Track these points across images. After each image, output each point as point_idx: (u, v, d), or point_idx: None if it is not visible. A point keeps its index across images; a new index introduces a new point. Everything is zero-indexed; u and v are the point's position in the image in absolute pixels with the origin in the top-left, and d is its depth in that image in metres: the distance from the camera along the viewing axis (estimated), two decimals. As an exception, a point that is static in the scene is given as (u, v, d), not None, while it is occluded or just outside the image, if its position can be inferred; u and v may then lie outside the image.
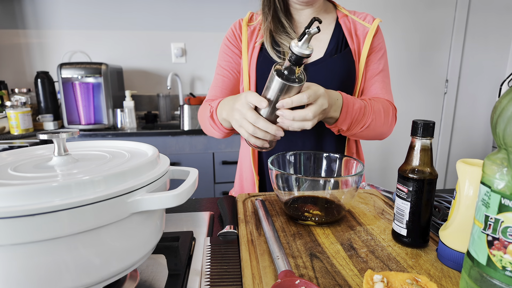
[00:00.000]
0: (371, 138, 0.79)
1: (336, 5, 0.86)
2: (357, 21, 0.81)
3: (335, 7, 0.86)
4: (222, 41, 0.88)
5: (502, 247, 0.30)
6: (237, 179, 0.92)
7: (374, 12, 2.16)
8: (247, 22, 0.83)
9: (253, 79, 0.80)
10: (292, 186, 0.54)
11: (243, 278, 0.40)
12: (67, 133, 0.38)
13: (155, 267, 0.44)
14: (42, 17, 2.01)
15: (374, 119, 0.72)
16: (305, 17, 0.81)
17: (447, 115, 2.41)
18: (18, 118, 1.64)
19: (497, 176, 0.30)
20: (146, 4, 2.08)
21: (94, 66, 1.72)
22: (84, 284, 0.31)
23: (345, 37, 0.80)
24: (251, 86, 0.80)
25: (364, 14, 0.83)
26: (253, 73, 0.80)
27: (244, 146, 0.89)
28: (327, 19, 0.83)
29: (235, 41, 0.84)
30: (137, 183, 0.32)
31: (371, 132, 0.74)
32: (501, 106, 0.30)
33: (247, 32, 0.82)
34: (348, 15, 0.82)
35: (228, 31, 0.86)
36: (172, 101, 2.22)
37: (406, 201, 0.46)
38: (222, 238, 0.52)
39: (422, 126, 0.44)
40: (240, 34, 0.84)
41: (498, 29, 2.31)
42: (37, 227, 0.27)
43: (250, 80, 0.80)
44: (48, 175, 0.33)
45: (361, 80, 0.80)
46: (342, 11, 0.83)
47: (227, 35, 0.86)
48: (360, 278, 0.40)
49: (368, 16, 0.82)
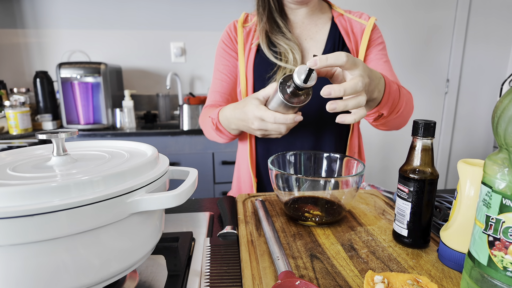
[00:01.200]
0: (394, 128, 0.75)
1: (331, 5, 0.86)
2: (353, 19, 0.81)
3: (330, 7, 0.85)
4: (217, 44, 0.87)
5: (503, 248, 0.30)
6: (234, 181, 0.92)
7: (374, 12, 2.16)
8: (242, 23, 0.83)
9: (251, 81, 0.80)
10: (292, 186, 0.54)
11: (243, 278, 0.40)
12: (66, 133, 0.38)
13: (155, 267, 0.44)
14: (41, 17, 2.01)
15: (406, 102, 0.67)
16: (300, 17, 0.81)
17: (448, 115, 2.41)
18: (17, 118, 1.64)
19: (498, 176, 0.30)
20: (146, 3, 2.08)
21: (93, 65, 1.72)
22: (83, 284, 0.31)
23: (341, 37, 0.80)
24: (248, 88, 0.80)
25: (360, 12, 0.83)
26: (250, 75, 0.79)
27: (241, 149, 0.88)
28: (322, 18, 0.82)
29: (231, 44, 0.84)
30: (136, 183, 0.32)
31: (399, 119, 0.70)
32: (502, 106, 0.29)
33: (243, 34, 0.82)
34: (344, 14, 0.82)
35: (223, 34, 0.85)
36: (172, 101, 2.21)
37: (407, 201, 0.46)
38: (222, 238, 0.52)
39: (423, 126, 0.44)
40: (235, 36, 0.83)
41: (499, 28, 2.32)
42: (36, 228, 0.27)
43: (247, 82, 0.80)
44: (47, 175, 0.32)
45: None
46: (338, 10, 0.83)
47: (223, 38, 0.85)
48: (361, 279, 0.40)
49: (363, 15, 0.82)
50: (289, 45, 0.76)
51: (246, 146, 0.85)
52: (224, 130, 0.76)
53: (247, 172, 0.85)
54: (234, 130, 0.74)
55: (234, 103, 0.70)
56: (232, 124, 0.70)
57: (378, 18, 2.18)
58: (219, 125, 0.76)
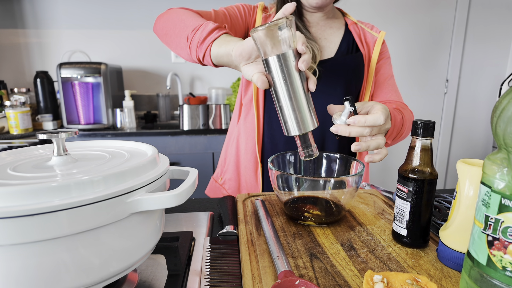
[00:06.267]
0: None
1: (344, 13, 0.89)
2: (366, 29, 0.85)
3: (343, 14, 0.89)
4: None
5: (502, 247, 0.30)
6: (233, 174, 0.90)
7: (374, 12, 2.16)
8: (262, 8, 0.83)
9: None
10: (292, 186, 0.54)
11: (243, 278, 0.40)
12: (67, 133, 0.38)
13: (155, 267, 0.44)
14: (41, 17, 2.01)
15: (408, 127, 0.72)
16: (316, 18, 0.83)
17: (447, 115, 2.41)
18: (17, 118, 1.64)
19: (497, 176, 0.30)
20: (146, 3, 2.08)
21: (94, 65, 1.72)
22: (83, 284, 0.31)
23: (355, 42, 0.83)
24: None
25: (370, 24, 0.87)
26: None
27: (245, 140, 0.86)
28: (336, 23, 0.85)
29: (249, 14, 0.80)
30: (136, 183, 0.32)
31: (400, 140, 0.75)
32: (501, 106, 0.30)
33: (261, 17, 0.81)
34: (357, 23, 0.86)
35: (242, 4, 0.81)
36: (172, 101, 2.21)
37: (406, 201, 0.46)
38: (222, 238, 0.52)
39: (422, 126, 0.44)
40: (255, 15, 0.81)
41: (498, 28, 2.32)
42: (36, 227, 0.27)
43: None
44: (48, 175, 0.33)
45: (371, 86, 0.83)
46: (351, 19, 0.87)
47: (242, 4, 0.81)
48: (360, 278, 0.40)
49: (374, 27, 0.86)
50: (310, 43, 0.76)
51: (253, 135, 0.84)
52: (208, 51, 0.55)
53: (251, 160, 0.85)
54: (218, 58, 0.55)
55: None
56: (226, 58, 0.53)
57: (378, 18, 2.18)
58: (208, 48, 0.55)
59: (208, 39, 0.55)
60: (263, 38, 0.43)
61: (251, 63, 0.49)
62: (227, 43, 0.52)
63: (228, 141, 0.95)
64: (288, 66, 0.45)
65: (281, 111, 0.48)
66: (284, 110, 0.47)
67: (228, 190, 0.91)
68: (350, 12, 0.98)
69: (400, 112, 0.71)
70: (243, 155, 0.87)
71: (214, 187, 0.96)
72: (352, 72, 0.81)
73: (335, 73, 0.79)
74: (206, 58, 0.56)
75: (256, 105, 0.82)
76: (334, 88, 0.80)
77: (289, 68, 0.45)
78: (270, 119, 0.83)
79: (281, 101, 0.47)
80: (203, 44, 0.56)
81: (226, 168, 0.93)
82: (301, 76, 0.46)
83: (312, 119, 0.47)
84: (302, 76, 0.46)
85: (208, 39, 0.55)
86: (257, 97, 0.82)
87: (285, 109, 0.47)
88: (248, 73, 0.49)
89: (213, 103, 2.12)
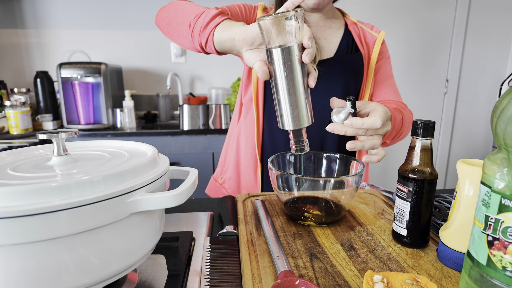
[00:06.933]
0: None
1: (344, 13, 0.89)
2: (365, 29, 0.85)
3: (343, 15, 0.89)
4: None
5: (502, 247, 0.30)
6: (232, 173, 0.90)
7: (374, 13, 2.16)
8: (262, 9, 0.83)
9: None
10: (292, 186, 0.54)
11: (243, 278, 0.40)
12: (67, 133, 0.38)
13: (155, 267, 0.44)
14: (41, 17, 2.01)
15: (408, 127, 0.73)
16: (315, 19, 0.83)
17: (448, 115, 2.41)
18: (17, 118, 1.64)
19: (497, 176, 0.30)
20: (146, 3, 2.08)
21: (94, 65, 1.72)
22: (83, 284, 0.31)
23: (355, 42, 0.83)
24: (259, 85, 0.81)
25: (370, 24, 0.87)
26: None
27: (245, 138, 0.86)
28: (336, 23, 0.85)
29: (249, 13, 0.80)
30: (136, 183, 0.32)
31: (400, 140, 0.75)
32: (501, 106, 0.30)
33: None
34: (357, 23, 0.86)
35: (244, 4, 0.80)
36: (172, 101, 2.21)
37: (406, 201, 0.46)
38: (222, 238, 0.52)
39: (422, 126, 0.44)
40: (255, 15, 0.81)
41: (498, 29, 2.32)
42: (36, 227, 0.27)
43: (258, 79, 0.80)
44: (48, 175, 0.33)
45: (371, 85, 0.83)
46: (350, 19, 0.87)
47: (243, 3, 0.80)
48: (360, 278, 0.40)
49: (374, 27, 0.86)
50: None
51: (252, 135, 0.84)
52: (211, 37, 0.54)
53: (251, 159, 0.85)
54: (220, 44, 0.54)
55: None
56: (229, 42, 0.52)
57: (378, 18, 2.18)
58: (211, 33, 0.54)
59: (211, 24, 0.54)
60: (269, 28, 0.43)
61: (254, 50, 0.48)
62: (230, 27, 0.51)
63: (229, 140, 0.95)
64: (291, 60, 0.44)
65: (278, 104, 0.48)
66: (282, 104, 0.47)
67: (228, 190, 0.91)
68: (350, 12, 0.98)
69: (400, 112, 0.71)
70: (243, 155, 0.87)
71: (214, 187, 0.97)
72: (352, 72, 0.81)
73: (335, 73, 0.80)
74: (209, 44, 0.55)
75: (256, 104, 0.82)
76: (333, 88, 0.80)
77: (292, 62, 0.44)
78: (270, 118, 0.83)
79: (279, 95, 0.47)
80: (206, 29, 0.55)
81: (226, 168, 0.93)
82: (303, 71, 0.46)
83: (308, 116, 0.48)
84: (303, 71, 0.46)
85: (211, 24, 0.54)
86: (257, 96, 0.82)
87: (283, 103, 0.47)
88: (249, 60, 0.48)
89: (213, 103, 2.12)
